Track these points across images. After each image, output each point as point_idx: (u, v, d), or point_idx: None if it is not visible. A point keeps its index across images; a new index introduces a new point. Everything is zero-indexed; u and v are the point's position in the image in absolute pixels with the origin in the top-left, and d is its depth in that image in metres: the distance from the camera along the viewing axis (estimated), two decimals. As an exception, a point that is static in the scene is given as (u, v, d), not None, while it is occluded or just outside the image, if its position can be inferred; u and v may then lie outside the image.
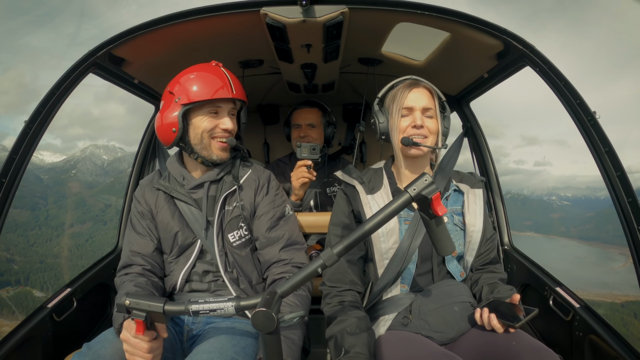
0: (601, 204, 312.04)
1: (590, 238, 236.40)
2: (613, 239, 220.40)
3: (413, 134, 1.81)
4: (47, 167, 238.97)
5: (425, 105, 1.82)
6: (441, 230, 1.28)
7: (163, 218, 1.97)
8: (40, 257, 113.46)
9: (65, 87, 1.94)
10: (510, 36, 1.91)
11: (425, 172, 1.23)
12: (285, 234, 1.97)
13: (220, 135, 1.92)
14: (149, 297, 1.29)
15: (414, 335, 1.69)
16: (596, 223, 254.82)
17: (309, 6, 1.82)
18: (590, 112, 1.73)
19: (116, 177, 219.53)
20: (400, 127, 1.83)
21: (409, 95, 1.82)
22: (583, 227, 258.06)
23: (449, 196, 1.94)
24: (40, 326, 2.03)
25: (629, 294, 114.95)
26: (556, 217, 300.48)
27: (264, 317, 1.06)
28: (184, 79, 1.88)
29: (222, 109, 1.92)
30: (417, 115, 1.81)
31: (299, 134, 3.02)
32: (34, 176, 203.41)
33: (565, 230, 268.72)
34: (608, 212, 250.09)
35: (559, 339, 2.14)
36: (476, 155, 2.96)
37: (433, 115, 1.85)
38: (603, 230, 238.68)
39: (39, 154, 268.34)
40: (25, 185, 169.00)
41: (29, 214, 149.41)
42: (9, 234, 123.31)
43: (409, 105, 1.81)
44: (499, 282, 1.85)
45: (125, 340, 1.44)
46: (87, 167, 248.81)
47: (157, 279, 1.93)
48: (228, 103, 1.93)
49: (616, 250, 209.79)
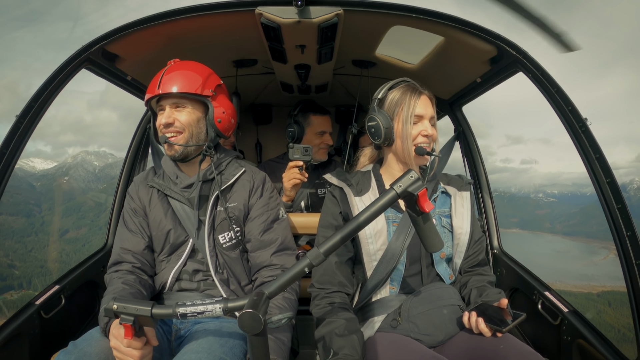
0: (586, 199, 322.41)
1: (574, 233, 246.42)
2: (596, 233, 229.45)
3: (422, 142, 1.81)
4: (39, 174, 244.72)
5: (432, 113, 1.84)
6: (429, 227, 1.28)
7: (156, 216, 1.96)
8: (39, 262, 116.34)
9: (57, 82, 1.92)
10: (504, 42, 1.93)
11: (411, 169, 1.22)
12: (279, 239, 1.97)
13: (163, 130, 1.90)
14: (137, 301, 1.28)
15: (403, 337, 1.69)
16: (580, 218, 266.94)
17: (304, 7, 1.82)
18: (582, 119, 1.74)
19: (108, 183, 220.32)
20: (413, 135, 1.82)
21: (420, 103, 1.81)
22: (567, 223, 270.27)
23: (437, 198, 1.95)
24: (28, 323, 2.01)
25: (606, 284, 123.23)
26: (542, 213, 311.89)
27: (251, 318, 1.06)
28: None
29: (162, 105, 1.91)
30: (427, 125, 1.82)
31: (324, 141, 3.06)
32: (26, 183, 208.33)
33: (550, 226, 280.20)
34: (591, 208, 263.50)
35: (547, 343, 2.15)
36: (467, 158, 2.97)
37: (434, 123, 1.87)
38: (587, 225, 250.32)
39: (30, 161, 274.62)
40: (18, 193, 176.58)
41: (24, 220, 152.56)
42: (7, 240, 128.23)
43: (420, 114, 1.81)
44: (488, 285, 1.86)
45: (116, 348, 1.42)
46: (79, 173, 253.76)
47: (146, 277, 1.91)
48: (165, 99, 1.89)
49: (598, 244, 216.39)
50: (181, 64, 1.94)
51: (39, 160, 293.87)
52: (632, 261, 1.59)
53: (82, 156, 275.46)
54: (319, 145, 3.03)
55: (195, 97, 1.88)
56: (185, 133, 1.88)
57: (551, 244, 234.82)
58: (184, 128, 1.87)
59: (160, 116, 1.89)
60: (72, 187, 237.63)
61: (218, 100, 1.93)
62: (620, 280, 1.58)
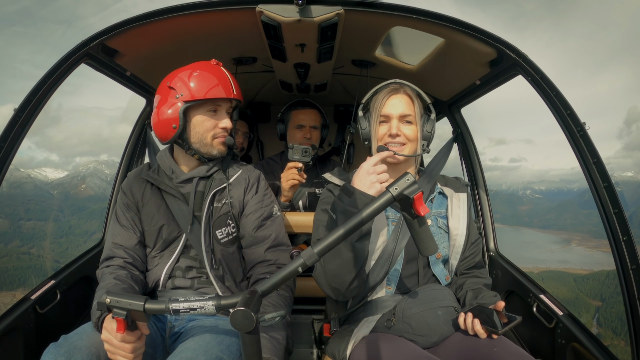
0: (566, 195, 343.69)
1: (548, 226, 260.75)
2: (567, 225, 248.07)
3: (389, 142, 1.81)
4: (55, 183, 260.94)
5: (403, 112, 1.81)
6: (423, 230, 1.28)
7: (149, 210, 1.96)
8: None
9: (56, 77, 1.92)
10: (504, 44, 1.92)
11: (408, 172, 1.22)
12: (272, 235, 1.98)
13: (221, 134, 1.93)
14: (130, 295, 1.28)
15: (397, 338, 1.69)
16: (557, 213, 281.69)
17: (305, 6, 1.81)
18: (580, 123, 1.74)
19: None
20: (378, 135, 1.83)
21: (387, 102, 1.82)
22: (544, 217, 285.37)
23: (434, 199, 1.95)
24: (23, 318, 2.01)
25: (550, 266, 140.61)
26: (524, 209, 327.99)
27: (243, 316, 1.05)
28: (186, 75, 1.87)
29: (221, 107, 1.93)
30: (394, 124, 1.80)
31: (303, 135, 3.00)
32: (45, 192, 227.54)
33: (528, 221, 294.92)
34: (566, 203, 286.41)
35: (542, 346, 2.16)
36: (465, 161, 2.97)
37: (412, 121, 1.83)
38: (562, 219, 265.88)
39: (42, 171, 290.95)
40: (43, 200, 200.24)
41: (54, 224, 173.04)
42: (43, 241, 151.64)
43: (386, 113, 1.81)
44: (484, 288, 1.86)
45: (108, 341, 1.42)
46: (94, 181, 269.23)
47: (138, 272, 1.91)
48: (226, 102, 1.94)
49: (565, 235, 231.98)
50: (225, 69, 1.99)
51: (49, 169, 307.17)
52: (627, 266, 1.59)
53: (95, 165, 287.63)
54: (299, 140, 3.00)
55: (239, 104, 2.07)
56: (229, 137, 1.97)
57: (522, 236, 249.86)
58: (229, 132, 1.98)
59: (211, 117, 1.92)
60: (89, 194, 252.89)
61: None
62: (563, 263, 1.61)
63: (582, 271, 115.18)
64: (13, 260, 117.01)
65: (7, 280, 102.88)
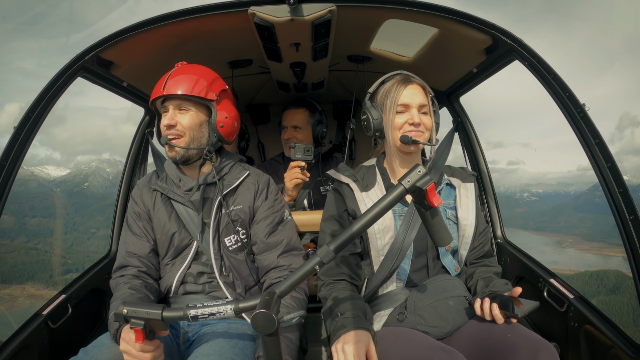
0: (562, 198, 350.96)
1: (541, 229, 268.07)
2: (561, 228, 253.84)
3: (410, 131, 1.80)
4: (57, 181, 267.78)
5: (421, 102, 1.82)
6: (437, 221, 1.28)
7: (160, 219, 1.96)
8: (86, 253, 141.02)
9: (53, 92, 1.92)
10: (499, 31, 1.92)
11: (419, 164, 1.22)
12: (284, 240, 1.97)
13: (166, 132, 1.89)
14: (147, 304, 1.28)
15: (410, 330, 1.69)
16: (551, 215, 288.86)
17: (297, 5, 1.81)
18: (580, 105, 1.73)
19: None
20: (396, 124, 1.81)
21: (405, 92, 1.81)
22: (539, 220, 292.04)
23: (442, 190, 1.94)
24: (36, 334, 2.00)
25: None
26: (519, 212, 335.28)
27: (264, 318, 1.05)
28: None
29: (167, 107, 1.90)
30: (415, 113, 1.80)
31: (285, 136, 3.02)
32: (49, 190, 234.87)
33: (523, 223, 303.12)
34: (563, 206, 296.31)
35: (555, 330, 2.15)
36: (467, 150, 2.96)
37: (427, 111, 1.84)
38: (555, 221, 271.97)
39: (44, 168, 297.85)
40: (47, 198, 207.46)
41: (58, 221, 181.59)
42: (48, 238, 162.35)
43: (406, 102, 1.80)
44: (494, 276, 1.86)
45: (127, 352, 1.42)
46: (97, 180, 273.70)
47: (152, 280, 1.91)
48: (172, 101, 1.89)
49: (558, 237, 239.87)
50: (188, 67, 1.94)
51: (52, 167, 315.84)
52: (635, 245, 1.58)
53: (97, 164, 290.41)
54: (285, 140, 3.02)
55: (199, 100, 1.88)
56: (186, 137, 1.87)
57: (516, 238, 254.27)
58: (184, 131, 1.87)
59: (163, 117, 1.89)
60: (92, 192, 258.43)
61: (222, 104, 1.93)
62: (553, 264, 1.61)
63: (569, 272, 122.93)
64: (21, 255, 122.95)
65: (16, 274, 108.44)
